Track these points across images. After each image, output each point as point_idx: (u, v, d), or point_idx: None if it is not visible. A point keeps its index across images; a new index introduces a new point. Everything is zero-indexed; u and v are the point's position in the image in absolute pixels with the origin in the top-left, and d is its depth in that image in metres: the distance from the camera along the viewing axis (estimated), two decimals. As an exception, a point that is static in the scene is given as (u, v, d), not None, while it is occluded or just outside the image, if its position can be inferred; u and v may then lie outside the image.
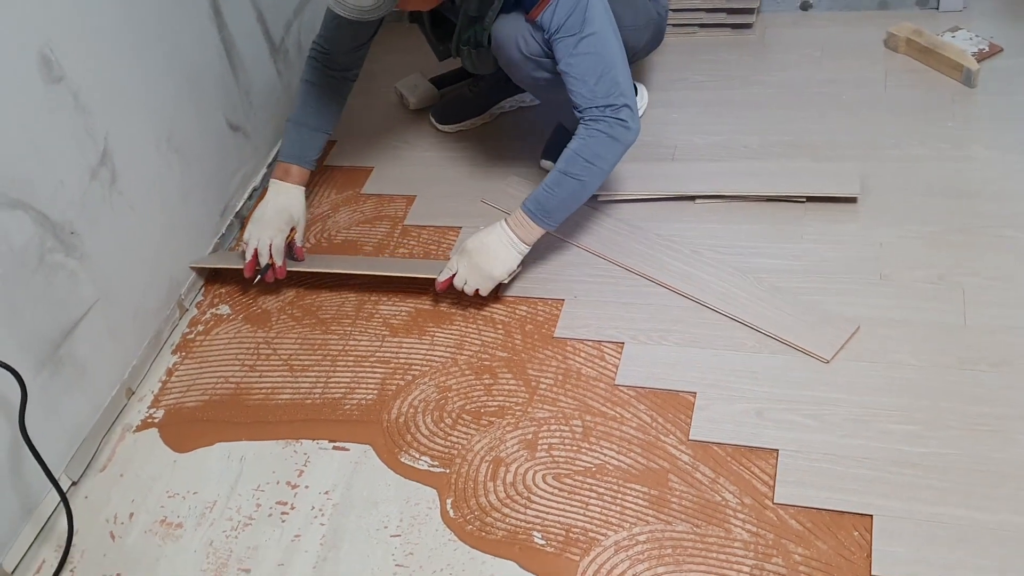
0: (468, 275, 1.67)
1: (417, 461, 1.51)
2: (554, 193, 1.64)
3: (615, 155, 1.64)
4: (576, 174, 1.62)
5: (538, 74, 1.71)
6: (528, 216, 1.65)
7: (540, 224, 1.65)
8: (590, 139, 1.61)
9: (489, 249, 1.66)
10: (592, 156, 1.61)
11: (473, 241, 1.68)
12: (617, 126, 1.61)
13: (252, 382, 1.70)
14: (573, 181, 1.63)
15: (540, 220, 1.65)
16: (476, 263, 1.66)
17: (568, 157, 1.63)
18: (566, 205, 1.66)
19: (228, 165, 2.01)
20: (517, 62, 1.69)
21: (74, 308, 1.57)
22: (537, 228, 1.66)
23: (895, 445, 1.38)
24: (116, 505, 1.55)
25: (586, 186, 1.64)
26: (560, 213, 1.66)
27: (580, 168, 1.62)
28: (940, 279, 1.61)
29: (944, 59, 2.03)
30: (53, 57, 1.49)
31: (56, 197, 1.51)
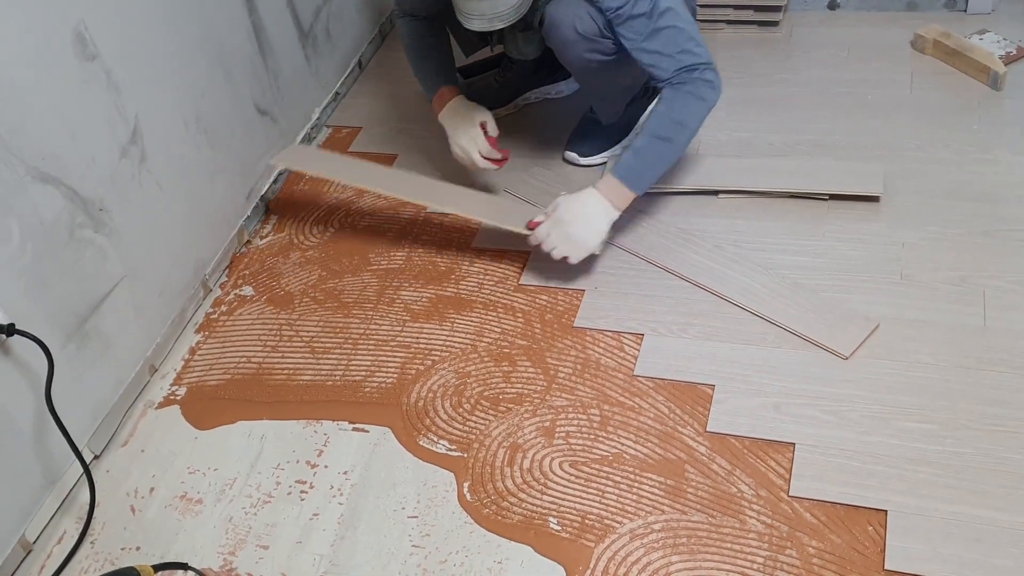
0: (560, 244, 1.67)
1: (435, 444, 1.53)
2: (644, 157, 1.64)
3: (701, 115, 1.64)
4: (665, 136, 1.63)
5: (590, 55, 1.70)
6: (620, 182, 1.64)
7: (632, 189, 1.65)
8: (677, 100, 1.62)
9: (582, 219, 1.65)
10: (680, 117, 1.62)
11: (566, 211, 1.66)
12: (703, 86, 1.62)
13: (274, 362, 1.72)
14: (662, 143, 1.63)
15: (632, 184, 1.64)
16: (569, 233, 1.66)
17: (656, 120, 1.63)
18: (656, 168, 1.66)
19: (255, 149, 2.03)
20: (571, 42, 1.69)
21: (101, 284, 1.59)
22: (629, 193, 1.65)
23: (912, 443, 1.39)
24: (137, 479, 1.57)
25: (675, 147, 1.65)
26: (650, 176, 1.66)
27: (669, 130, 1.62)
28: (962, 281, 1.61)
29: (971, 62, 2.03)
30: (87, 35, 1.51)
31: (87, 173, 1.53)
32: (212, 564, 1.43)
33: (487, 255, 1.85)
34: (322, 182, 2.12)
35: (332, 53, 2.33)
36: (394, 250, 1.91)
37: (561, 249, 1.67)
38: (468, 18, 1.54)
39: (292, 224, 2.03)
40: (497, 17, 1.53)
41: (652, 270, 1.74)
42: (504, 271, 1.81)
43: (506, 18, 1.54)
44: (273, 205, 2.09)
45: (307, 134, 2.23)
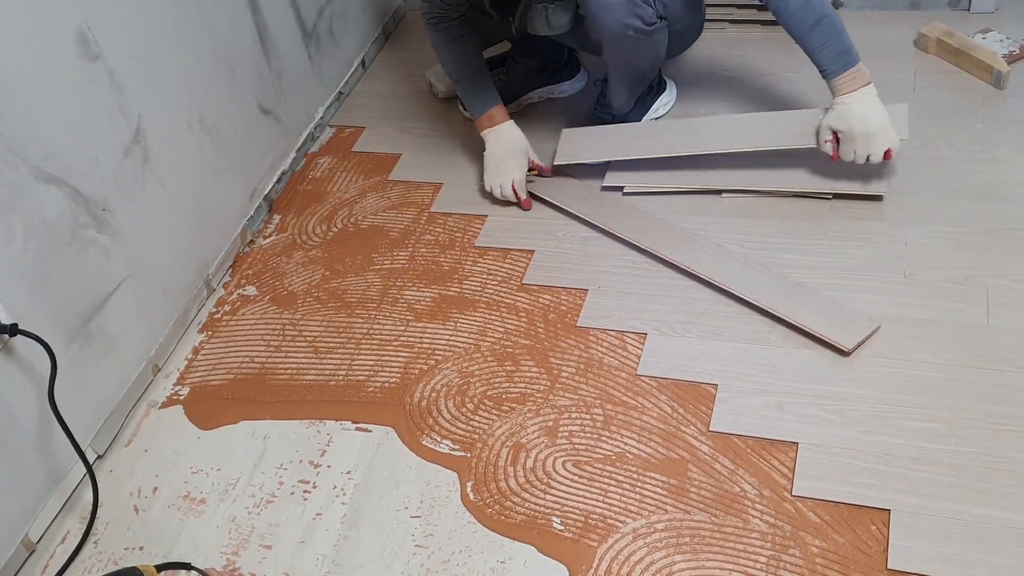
0: (874, 149, 1.68)
1: (438, 444, 1.53)
2: (829, 44, 1.66)
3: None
4: (817, 18, 1.65)
5: (630, 20, 1.71)
6: (845, 71, 1.66)
7: (854, 64, 1.67)
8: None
9: (864, 114, 1.67)
10: None
11: (846, 127, 1.68)
12: None
13: (277, 362, 1.72)
14: (823, 23, 1.66)
15: (851, 63, 1.67)
16: (866, 131, 1.67)
17: (797, 20, 1.67)
18: (844, 38, 1.67)
19: (258, 148, 2.03)
20: (614, 4, 1.69)
21: (104, 283, 1.59)
22: (858, 67, 1.67)
23: (916, 442, 1.39)
24: (140, 479, 1.57)
25: (832, 18, 1.67)
26: (851, 46, 1.68)
27: (812, 12, 1.65)
28: (965, 280, 1.60)
29: (974, 60, 2.03)
30: (90, 35, 1.51)
31: (90, 173, 1.53)
32: (215, 564, 1.43)
33: (490, 255, 1.85)
34: (325, 181, 2.12)
35: (335, 52, 2.33)
36: (397, 250, 1.91)
37: (876, 150, 1.68)
38: None
39: (295, 224, 2.03)
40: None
41: (655, 269, 1.73)
42: (507, 271, 1.81)
43: None
44: (276, 205, 2.09)
45: (310, 133, 2.23)
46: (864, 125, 1.67)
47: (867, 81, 1.68)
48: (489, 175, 1.92)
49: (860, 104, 1.67)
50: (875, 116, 1.67)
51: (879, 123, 1.67)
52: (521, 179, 1.90)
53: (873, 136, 1.67)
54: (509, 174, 1.90)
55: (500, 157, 1.91)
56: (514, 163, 1.90)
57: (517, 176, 1.90)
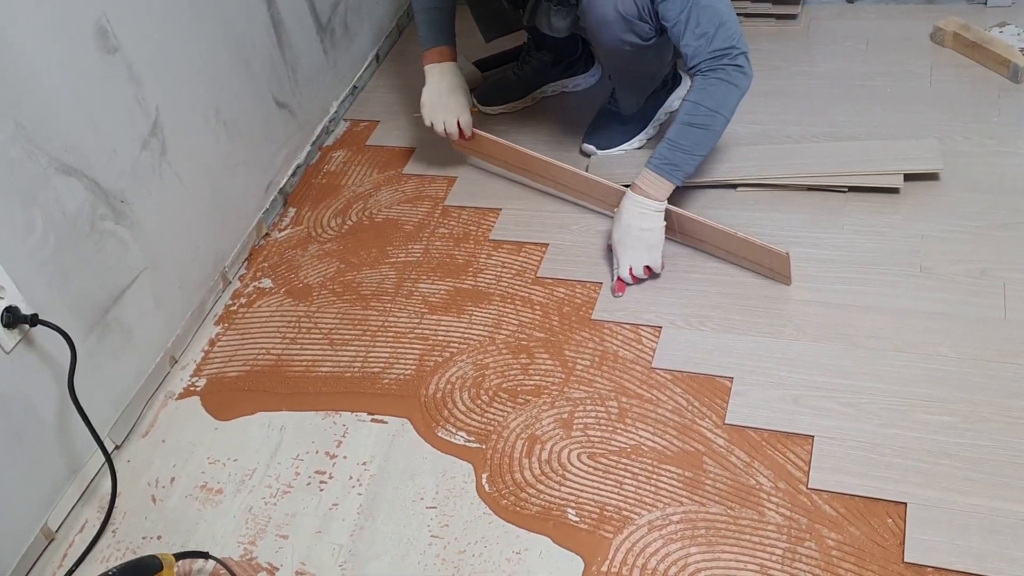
0: (632, 261, 1.67)
1: (454, 436, 1.53)
2: (679, 145, 1.64)
3: (735, 101, 1.63)
4: (700, 123, 1.62)
5: (626, 36, 1.70)
6: (655, 173, 1.65)
7: (668, 179, 1.65)
8: (709, 87, 1.61)
9: (631, 226, 1.66)
10: (714, 104, 1.61)
11: (616, 231, 1.69)
12: (735, 73, 1.61)
13: (293, 354, 1.73)
14: (697, 130, 1.63)
15: (668, 175, 1.64)
16: (630, 245, 1.67)
17: (689, 108, 1.63)
18: (692, 156, 1.65)
19: (274, 142, 2.04)
20: (610, 21, 1.68)
21: (123, 275, 1.60)
22: (667, 183, 1.65)
23: (931, 435, 1.39)
24: (158, 469, 1.58)
25: (710, 135, 1.65)
26: (687, 165, 1.65)
27: (703, 117, 1.62)
28: (982, 273, 1.60)
29: (991, 54, 2.02)
30: (109, 28, 1.52)
31: (108, 165, 1.54)
32: (232, 553, 1.44)
33: (505, 248, 1.86)
34: (340, 174, 2.13)
35: (350, 46, 2.34)
36: (412, 243, 1.91)
37: (636, 263, 1.67)
38: None
39: (310, 217, 2.04)
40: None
41: (669, 263, 1.73)
42: (522, 264, 1.81)
43: None
44: (291, 198, 2.10)
45: (325, 127, 2.24)
46: (626, 234, 1.67)
47: (662, 199, 1.66)
48: (431, 110, 1.91)
49: (634, 211, 1.66)
50: (640, 230, 1.66)
51: (642, 239, 1.66)
52: (468, 119, 1.92)
53: (635, 248, 1.67)
54: (454, 112, 1.90)
55: (443, 92, 1.90)
56: (459, 101, 1.91)
57: (464, 116, 1.91)
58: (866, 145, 1.86)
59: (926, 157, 1.79)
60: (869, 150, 1.84)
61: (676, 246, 1.76)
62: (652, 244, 1.66)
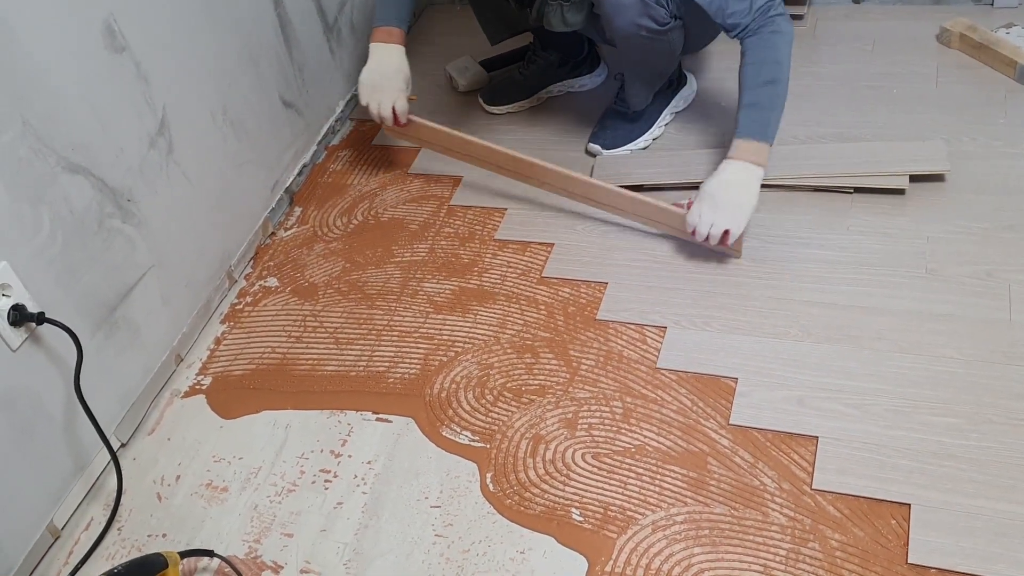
0: (717, 218, 1.63)
1: (458, 435, 1.54)
2: (760, 106, 1.63)
3: (789, 50, 1.64)
4: (769, 78, 1.62)
5: (642, 20, 1.68)
6: (750, 139, 1.63)
7: (763, 140, 1.64)
8: (764, 43, 1.62)
9: (731, 188, 1.63)
10: (774, 57, 1.62)
11: (712, 187, 1.64)
12: (779, 21, 1.64)
13: (298, 353, 1.73)
14: (769, 87, 1.63)
15: (761, 135, 1.64)
16: (722, 201, 1.62)
17: (752, 69, 1.63)
18: (775, 111, 1.64)
19: (280, 141, 2.04)
20: (627, 4, 1.67)
21: (130, 273, 1.61)
22: (762, 146, 1.63)
23: (936, 437, 1.39)
24: (163, 467, 1.59)
25: (781, 87, 1.64)
26: (774, 121, 1.65)
27: (769, 71, 1.62)
28: (988, 275, 1.60)
29: (997, 55, 2.02)
30: (117, 27, 1.52)
31: (115, 164, 1.55)
32: (237, 551, 1.44)
33: (510, 247, 1.86)
34: (345, 174, 2.14)
35: (356, 46, 2.34)
36: (417, 242, 1.92)
37: (719, 223, 1.63)
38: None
39: (316, 216, 2.04)
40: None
41: (675, 263, 1.73)
42: (527, 263, 1.81)
43: None
44: (297, 197, 2.10)
45: (331, 126, 2.24)
46: (722, 192, 1.63)
47: (762, 163, 1.64)
48: (368, 90, 1.89)
49: (736, 176, 1.64)
50: (739, 191, 1.63)
51: (737, 200, 1.62)
52: (404, 104, 1.89)
53: (725, 207, 1.63)
54: (391, 95, 1.87)
55: (384, 74, 1.87)
56: (397, 85, 1.87)
57: (400, 102, 1.88)
58: (872, 146, 1.86)
59: (932, 158, 1.79)
60: (875, 151, 1.84)
61: (678, 244, 1.76)
62: (743, 206, 1.63)
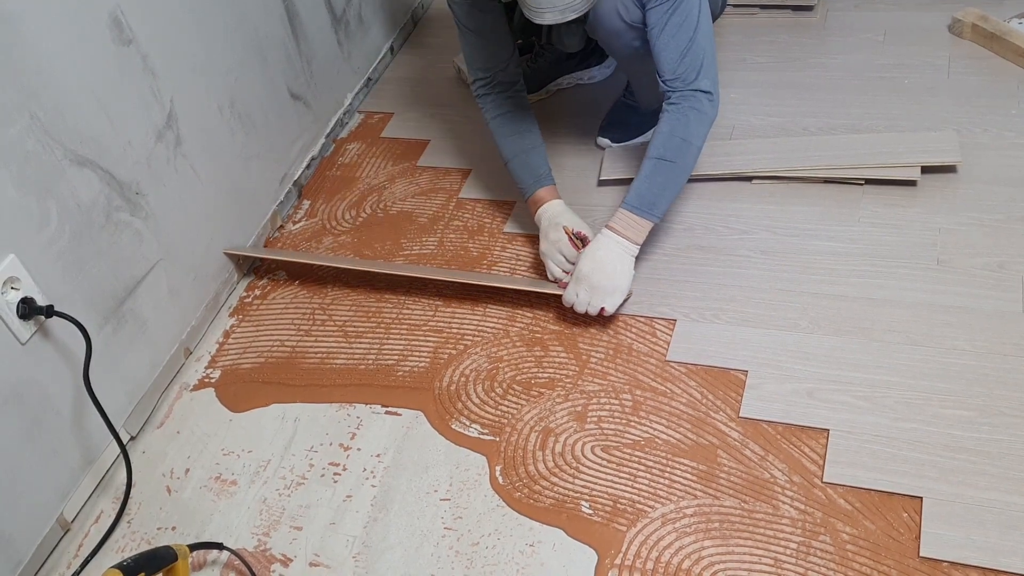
0: (591, 298, 1.59)
1: (467, 428, 1.53)
2: (654, 182, 1.60)
3: (705, 131, 1.60)
4: (672, 157, 1.59)
5: (637, 43, 1.67)
6: (633, 214, 1.60)
7: (647, 218, 1.60)
8: (681, 117, 1.58)
9: (605, 265, 1.59)
10: (685, 135, 1.58)
11: (584, 264, 1.60)
12: (702, 99, 1.58)
13: (307, 346, 1.73)
14: (670, 164, 1.59)
15: (646, 214, 1.60)
16: (595, 283, 1.59)
17: (661, 141, 1.59)
18: (668, 192, 1.61)
19: (288, 134, 2.04)
20: (620, 31, 1.66)
21: (138, 266, 1.61)
22: (645, 223, 1.60)
23: (948, 429, 1.38)
24: (172, 460, 1.59)
25: (684, 168, 1.60)
26: (663, 202, 1.61)
27: (675, 150, 1.58)
28: (1000, 267, 1.59)
29: (1010, 45, 2.00)
30: (124, 20, 1.52)
31: (123, 157, 1.55)
32: (247, 544, 1.44)
33: (519, 241, 1.85)
34: (354, 167, 2.13)
35: (364, 38, 2.34)
36: (426, 235, 1.91)
37: (594, 303, 1.59)
38: (539, 12, 1.49)
39: (325, 209, 2.04)
40: (570, 8, 1.49)
41: (683, 256, 1.72)
42: (537, 256, 1.80)
43: (578, 8, 1.50)
44: (306, 190, 2.10)
45: (339, 119, 2.24)
46: (597, 272, 1.59)
47: (638, 241, 1.60)
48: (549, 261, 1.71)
49: (610, 250, 1.59)
50: (613, 272, 1.58)
51: (612, 282, 1.59)
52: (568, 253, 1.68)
53: (597, 288, 1.59)
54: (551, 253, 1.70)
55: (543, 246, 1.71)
56: (549, 242, 1.70)
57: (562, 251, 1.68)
58: (883, 137, 1.85)
59: (944, 149, 1.77)
60: (886, 142, 1.82)
61: (687, 237, 1.76)
62: (618, 288, 1.60)
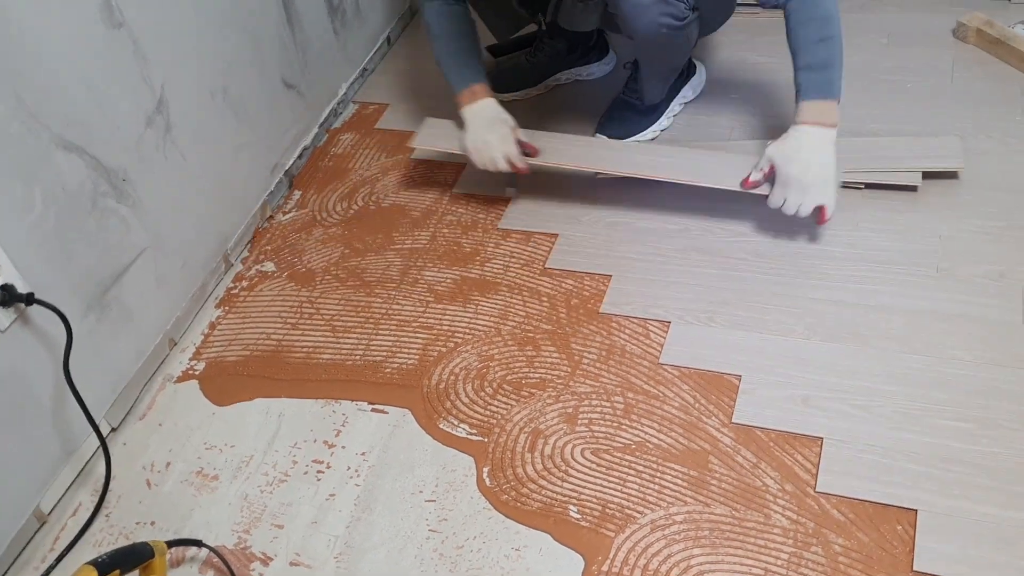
0: (804, 198, 1.59)
1: (455, 428, 1.51)
2: (821, 65, 1.58)
3: (836, 3, 1.59)
4: (823, 35, 1.57)
5: (663, 19, 1.65)
6: (817, 100, 1.58)
7: (830, 98, 1.59)
8: (808, 2, 1.57)
9: (808, 161, 1.58)
10: (823, 14, 1.57)
11: (786, 163, 1.59)
12: None
13: (294, 340, 1.70)
14: (826, 44, 1.57)
15: (827, 94, 1.59)
16: (805, 183, 1.58)
17: (803, 30, 1.58)
18: (835, 71, 1.59)
19: (281, 123, 2.00)
20: (646, 4, 1.63)
21: (124, 254, 1.57)
22: (831, 104, 1.59)
23: (945, 441, 1.35)
24: (153, 453, 1.56)
25: (836, 40, 1.58)
26: (837, 80, 1.59)
27: (822, 29, 1.57)
28: (1000, 276, 1.56)
29: (1014, 51, 1.98)
30: (114, 2, 1.49)
31: (111, 142, 1.51)
32: (226, 541, 1.41)
33: (513, 237, 1.82)
34: (347, 158, 2.10)
35: (361, 28, 2.30)
36: (419, 230, 1.88)
37: (807, 203, 1.59)
38: None
39: (316, 200, 2.01)
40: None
41: (680, 257, 1.70)
42: (530, 254, 1.78)
43: None
44: (297, 180, 2.07)
45: (333, 109, 2.20)
46: (804, 171, 1.58)
47: (834, 123, 1.59)
48: (478, 155, 1.80)
49: (811, 143, 1.58)
50: (820, 165, 1.58)
51: (822, 175, 1.58)
52: (514, 150, 1.78)
53: (809, 187, 1.58)
54: (499, 149, 1.78)
55: (483, 133, 1.79)
56: (499, 135, 1.78)
57: (509, 150, 1.77)
58: (885, 141, 1.82)
59: (947, 155, 1.75)
60: (888, 146, 1.80)
61: (684, 238, 1.73)
62: (829, 179, 1.59)
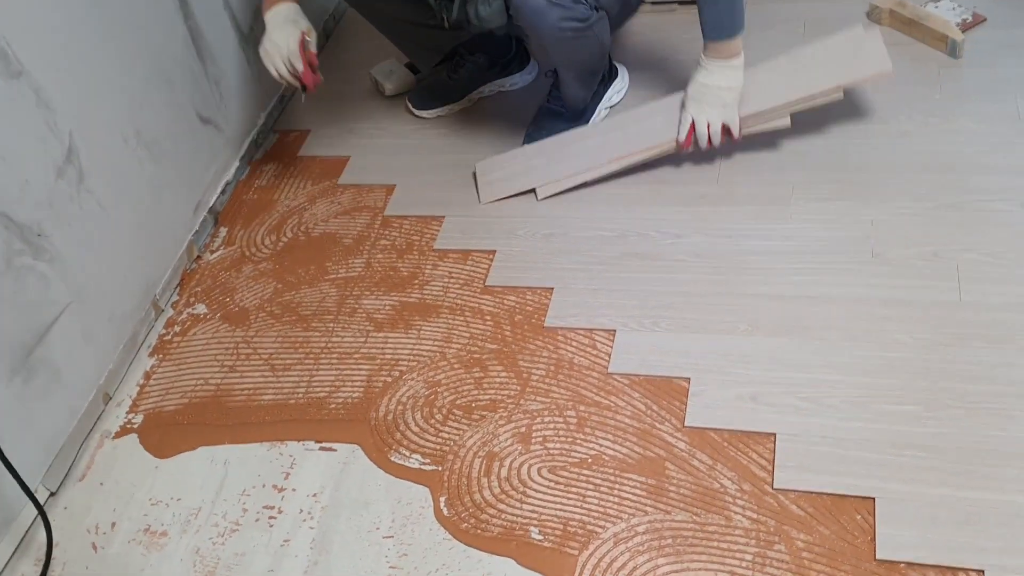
0: (709, 115, 1.69)
1: (408, 459, 1.48)
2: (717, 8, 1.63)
3: None
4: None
5: (564, 23, 1.65)
6: (717, 43, 1.65)
7: (734, 36, 1.65)
8: None
9: (708, 85, 1.67)
10: None
11: (692, 88, 1.70)
12: None
13: (233, 383, 1.65)
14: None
15: (731, 33, 1.64)
16: (707, 103, 1.68)
17: None
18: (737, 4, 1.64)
19: (200, 159, 1.95)
20: (543, 10, 1.62)
21: (46, 312, 1.51)
22: (736, 41, 1.65)
23: (894, 426, 1.36)
24: (97, 515, 1.50)
25: None
26: (739, 14, 1.64)
27: None
28: (934, 256, 1.58)
29: (928, 30, 2.00)
30: (10, 51, 1.43)
31: (21, 198, 1.45)
32: (181, 600, 1.37)
33: (451, 257, 1.80)
34: (271, 189, 2.05)
35: (276, 55, 2.25)
36: (352, 257, 1.84)
37: (714, 119, 1.68)
38: None
39: (243, 236, 1.96)
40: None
41: (619, 264, 1.69)
42: (469, 273, 1.75)
43: None
44: (222, 217, 2.01)
45: (254, 140, 2.15)
46: (711, 91, 1.68)
47: (736, 53, 1.67)
48: (269, 57, 1.78)
49: (717, 72, 1.67)
50: (719, 88, 1.68)
51: (727, 95, 1.68)
52: (294, 48, 1.74)
53: (714, 104, 1.69)
54: (279, 50, 1.75)
55: (274, 36, 1.76)
56: (282, 36, 1.75)
57: (290, 47, 1.74)
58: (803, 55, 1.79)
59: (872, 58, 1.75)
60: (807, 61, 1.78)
61: (622, 244, 1.72)
62: (728, 103, 1.68)
